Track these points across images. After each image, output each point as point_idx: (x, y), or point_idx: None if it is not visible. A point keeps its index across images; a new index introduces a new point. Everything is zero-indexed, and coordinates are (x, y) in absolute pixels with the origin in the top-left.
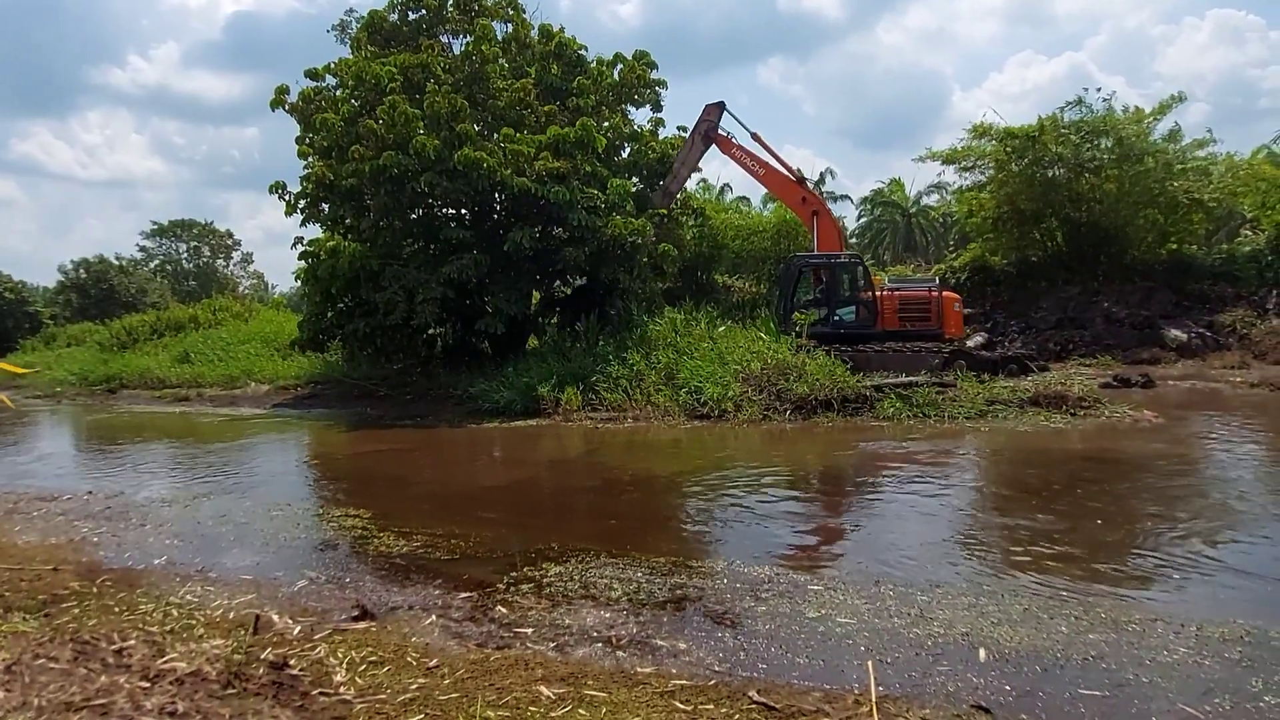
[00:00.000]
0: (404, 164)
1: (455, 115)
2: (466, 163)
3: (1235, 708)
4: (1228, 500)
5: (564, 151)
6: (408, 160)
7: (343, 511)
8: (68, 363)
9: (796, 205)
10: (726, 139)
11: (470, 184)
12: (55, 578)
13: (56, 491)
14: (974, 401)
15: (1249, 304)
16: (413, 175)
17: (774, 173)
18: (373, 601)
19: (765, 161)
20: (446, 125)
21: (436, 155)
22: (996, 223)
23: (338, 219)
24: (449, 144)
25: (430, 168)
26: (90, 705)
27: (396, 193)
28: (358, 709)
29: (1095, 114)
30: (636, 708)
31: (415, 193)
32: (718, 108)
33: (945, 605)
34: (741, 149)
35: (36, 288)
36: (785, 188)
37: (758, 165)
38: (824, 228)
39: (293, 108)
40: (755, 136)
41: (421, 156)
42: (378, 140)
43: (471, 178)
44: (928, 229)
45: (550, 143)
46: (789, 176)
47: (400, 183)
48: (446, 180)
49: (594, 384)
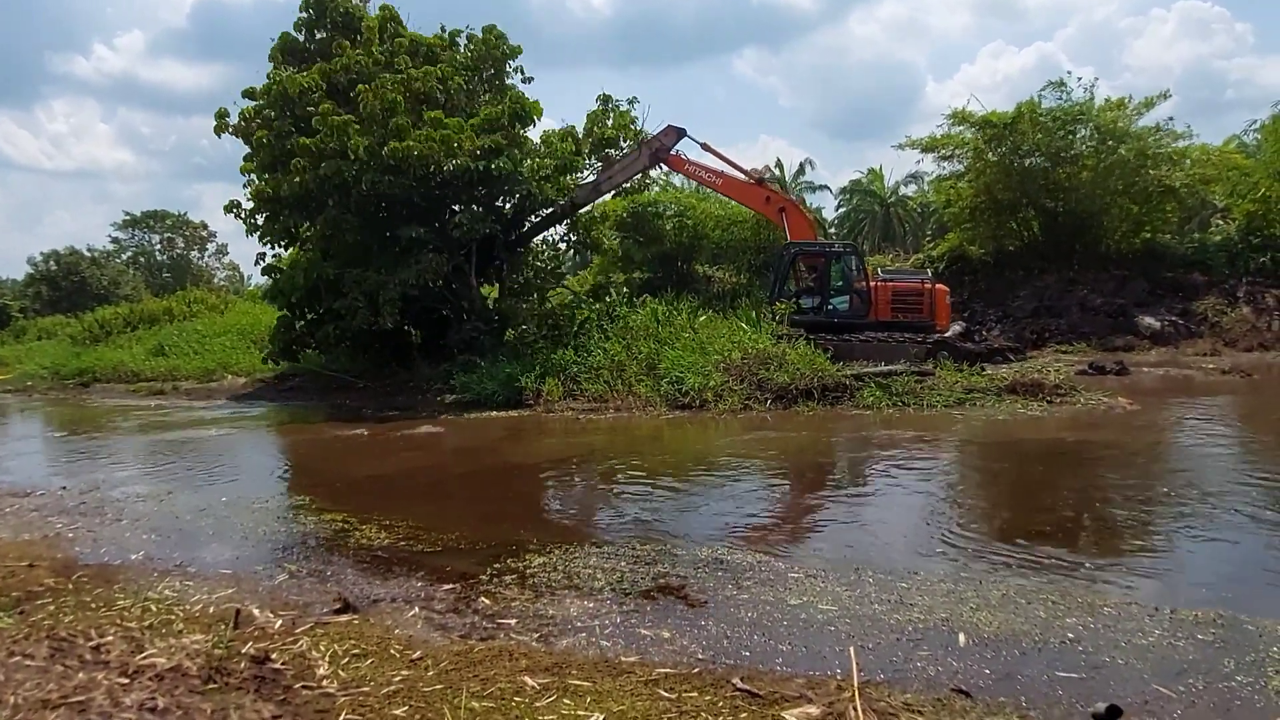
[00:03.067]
0: (344, 169)
1: (390, 110)
2: (397, 156)
3: (1208, 687)
4: (1201, 486)
5: (499, 127)
6: (346, 165)
7: (322, 504)
8: (39, 356)
9: (760, 206)
10: (677, 158)
11: (408, 176)
12: (30, 574)
13: (29, 487)
14: (952, 390)
15: (1220, 292)
16: (354, 179)
17: (731, 181)
18: (354, 594)
19: (720, 171)
20: (380, 123)
21: (370, 154)
22: (974, 212)
23: (290, 232)
24: (381, 140)
25: (368, 168)
26: (68, 702)
27: (343, 200)
28: (341, 702)
29: (1074, 101)
30: (621, 696)
31: (362, 195)
32: (677, 133)
33: (924, 591)
34: (696, 165)
35: (5, 280)
36: (745, 192)
37: (713, 176)
38: (794, 221)
39: (235, 129)
40: (705, 147)
41: (359, 159)
42: (317, 152)
43: (407, 170)
44: (906, 219)
45: (483, 124)
46: (747, 180)
47: (345, 189)
48: (389, 176)
49: (575, 375)
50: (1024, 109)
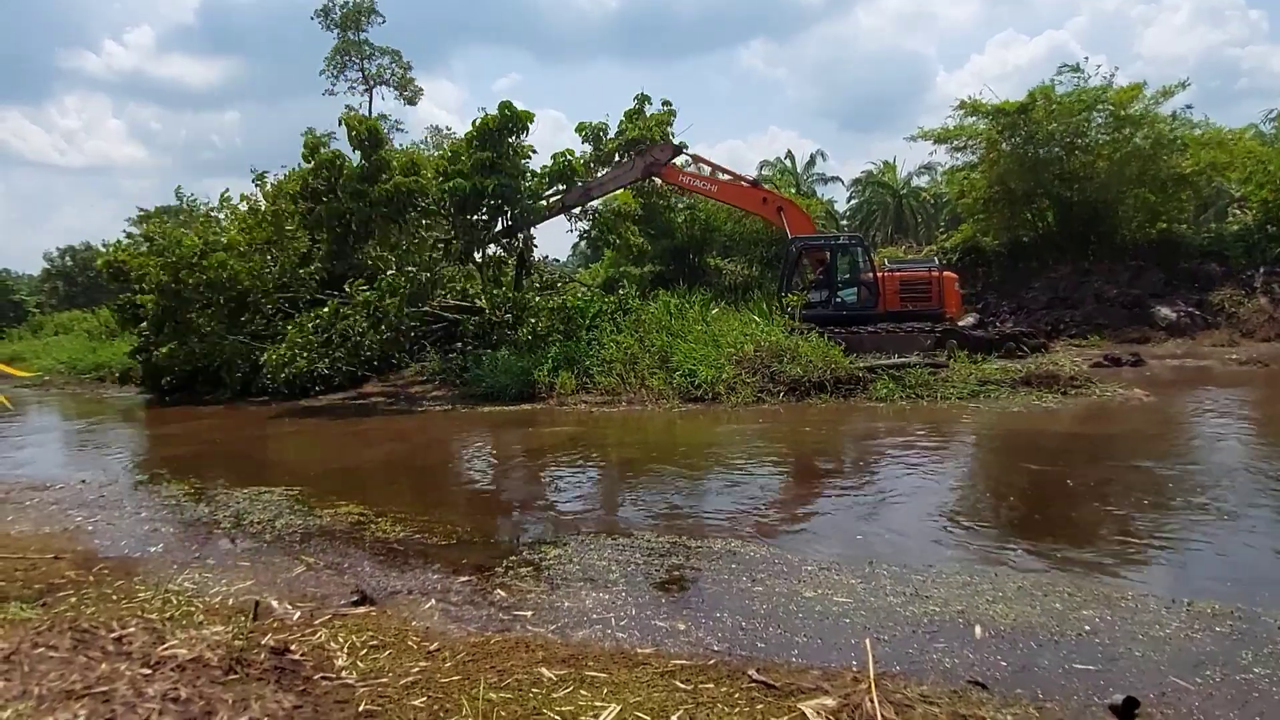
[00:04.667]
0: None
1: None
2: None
3: (1225, 680)
4: (1217, 479)
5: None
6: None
7: (339, 498)
8: (56, 351)
9: (758, 207)
10: (671, 171)
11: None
12: (51, 567)
13: (49, 480)
14: (966, 382)
15: (1237, 282)
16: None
17: (726, 186)
18: (371, 586)
19: (713, 179)
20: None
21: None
22: (988, 203)
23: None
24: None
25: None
26: (91, 693)
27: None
28: (360, 693)
29: (1089, 85)
30: (638, 687)
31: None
32: (674, 150)
33: (940, 584)
34: (690, 176)
35: (20, 276)
36: (741, 195)
37: (708, 184)
38: (792, 218)
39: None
40: (696, 158)
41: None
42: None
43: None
44: (918, 210)
45: (476, 135)
46: (741, 183)
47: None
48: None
49: (588, 369)
50: (1038, 94)
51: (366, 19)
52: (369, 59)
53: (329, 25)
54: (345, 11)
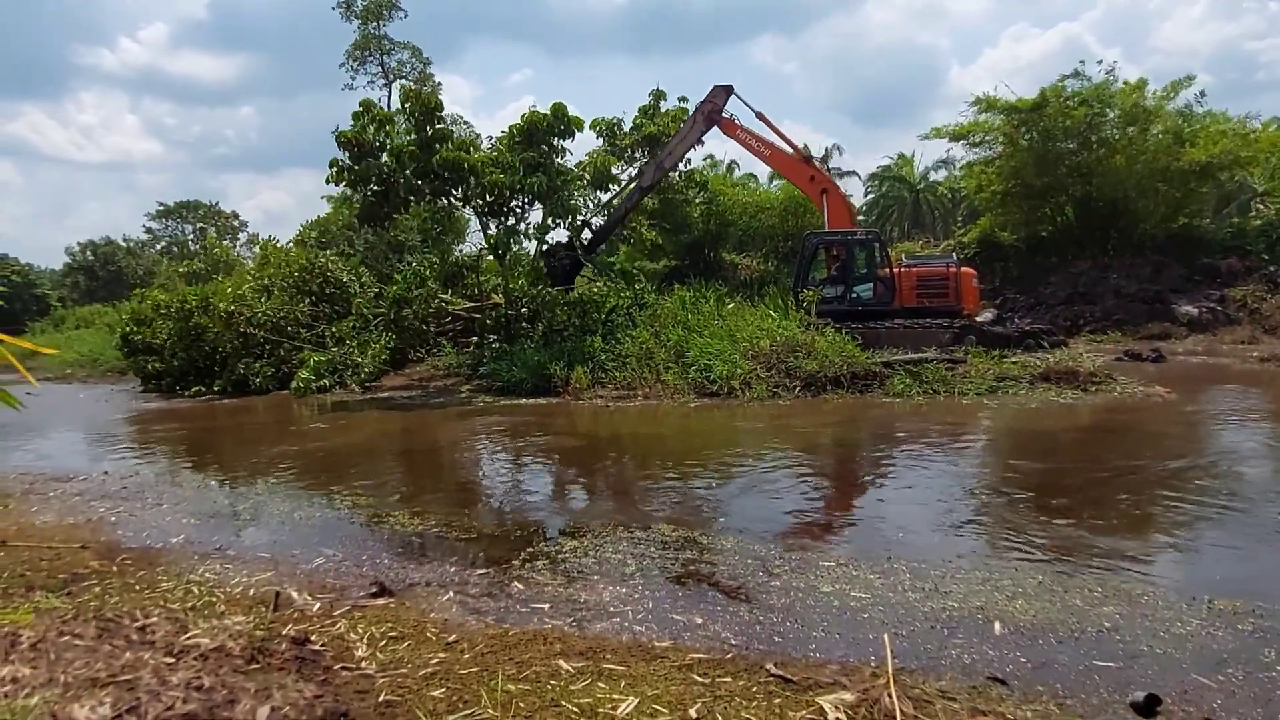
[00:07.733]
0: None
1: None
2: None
3: (1248, 678)
4: (1239, 476)
5: (535, 142)
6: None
7: (357, 490)
8: (78, 345)
9: (804, 184)
10: (730, 121)
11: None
12: (75, 557)
13: (72, 472)
14: (984, 378)
15: (1260, 278)
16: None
17: (779, 153)
18: (390, 578)
19: (770, 142)
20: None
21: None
22: (1005, 198)
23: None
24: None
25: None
26: (116, 680)
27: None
28: (380, 683)
29: (1095, 85)
30: (655, 680)
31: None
32: (725, 91)
33: (959, 579)
34: (746, 131)
35: (42, 270)
36: (792, 167)
37: (763, 146)
38: (834, 205)
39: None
40: (760, 116)
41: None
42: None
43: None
44: (936, 205)
45: (522, 131)
46: (795, 156)
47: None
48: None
49: (603, 363)
50: (1049, 93)
51: (389, 11)
52: (389, 54)
53: (350, 16)
54: (367, 4)
